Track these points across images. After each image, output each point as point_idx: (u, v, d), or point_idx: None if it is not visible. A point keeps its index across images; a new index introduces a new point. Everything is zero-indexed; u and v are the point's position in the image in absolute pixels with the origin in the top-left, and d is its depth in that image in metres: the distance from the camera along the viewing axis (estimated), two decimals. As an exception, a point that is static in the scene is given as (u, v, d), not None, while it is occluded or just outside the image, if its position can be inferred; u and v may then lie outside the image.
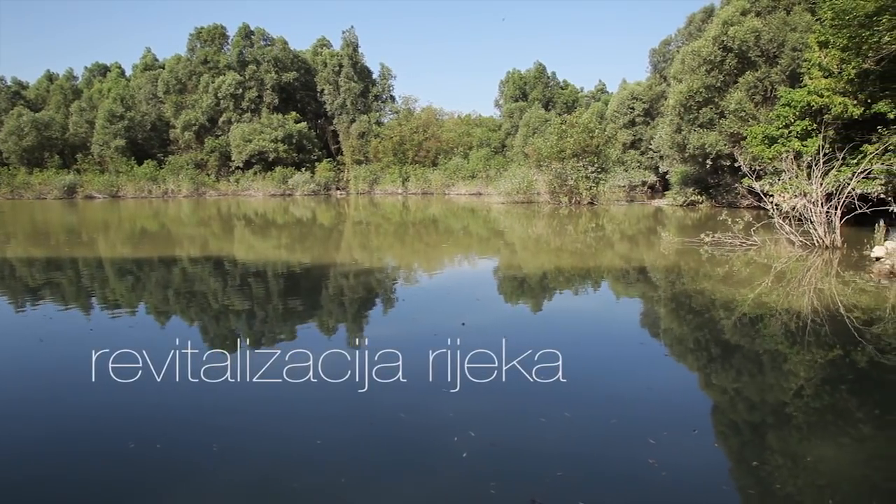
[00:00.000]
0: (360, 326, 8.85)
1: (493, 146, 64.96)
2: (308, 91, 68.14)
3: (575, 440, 4.66)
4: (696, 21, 44.46)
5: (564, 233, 22.23)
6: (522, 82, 67.64)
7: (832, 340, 7.57)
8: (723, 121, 31.62)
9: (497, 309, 9.94)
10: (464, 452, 4.42)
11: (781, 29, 29.55)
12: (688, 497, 3.87)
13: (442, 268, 14.99)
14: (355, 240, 21.16)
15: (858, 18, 16.83)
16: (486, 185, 54.26)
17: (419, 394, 5.69)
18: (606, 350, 7.46)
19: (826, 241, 15.40)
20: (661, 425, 4.89)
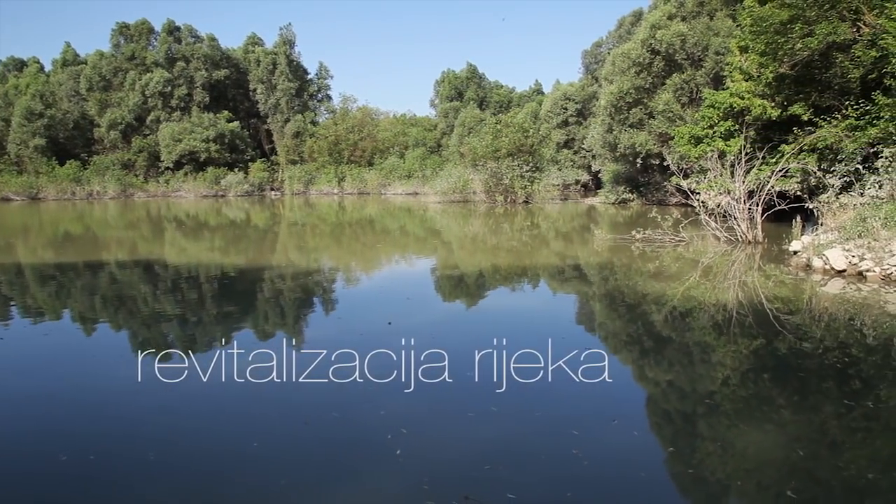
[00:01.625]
0: (293, 328, 8.73)
1: (428, 146, 65.06)
2: (240, 90, 66.53)
3: (502, 434, 4.74)
4: (626, 24, 45.74)
5: (500, 231, 22.50)
6: (458, 82, 67.98)
7: (755, 331, 7.93)
8: (652, 121, 32.63)
9: (428, 307, 9.96)
10: (398, 450, 4.44)
11: (705, 33, 30.72)
12: (607, 484, 4.00)
13: (377, 268, 14.95)
14: (291, 241, 20.83)
15: (774, 26, 17.66)
16: (422, 184, 54.33)
17: (352, 393, 5.67)
18: (538, 345, 7.58)
19: (749, 237, 16.13)
20: (585, 417, 5.05)
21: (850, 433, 4.84)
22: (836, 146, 17.58)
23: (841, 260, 11.41)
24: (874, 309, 9.07)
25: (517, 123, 41.77)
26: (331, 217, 32.62)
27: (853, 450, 4.54)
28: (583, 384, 5.89)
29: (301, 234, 23.37)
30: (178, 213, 35.04)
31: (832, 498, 3.86)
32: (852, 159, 16.29)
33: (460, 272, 13.68)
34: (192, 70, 60.54)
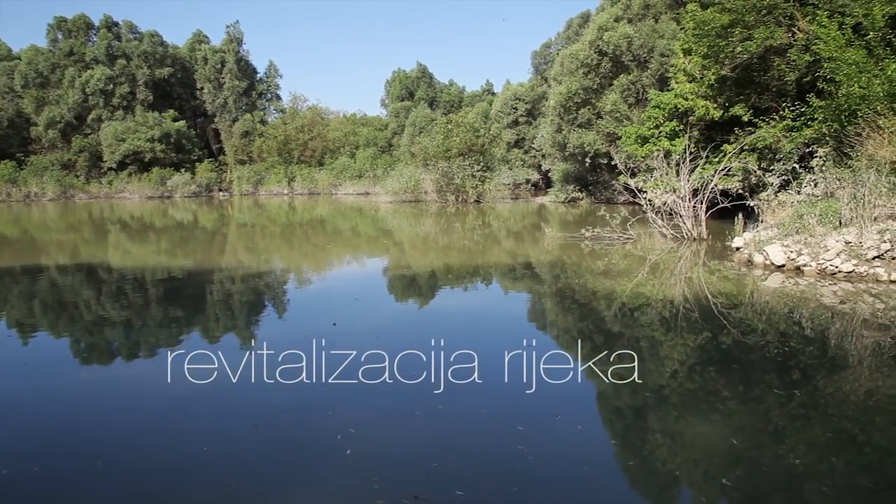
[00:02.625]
0: (240, 330, 8.57)
1: (379, 145, 64.81)
2: (186, 88, 64.92)
3: (448, 432, 4.79)
4: (575, 26, 46.47)
5: (452, 231, 22.57)
6: (408, 82, 67.91)
7: (701, 325, 8.16)
8: (600, 121, 33.20)
9: (377, 308, 9.90)
10: (348, 450, 4.42)
11: (651, 36, 31.43)
12: (551, 477, 4.06)
13: (327, 269, 14.82)
14: (240, 242, 20.44)
15: (715, 29, 18.20)
16: (373, 184, 54.07)
17: (299, 395, 5.63)
18: (485, 344, 7.63)
19: (694, 234, 16.60)
20: (530, 413, 5.12)
21: (790, 421, 5.02)
22: (775, 146, 18.25)
23: (780, 255, 11.84)
24: (811, 302, 9.45)
25: (468, 123, 41.97)
26: (281, 218, 32.15)
27: (794, 437, 4.72)
28: (528, 381, 5.98)
29: (251, 235, 22.96)
30: (123, 215, 33.99)
31: (775, 483, 4.00)
32: (789, 159, 16.92)
33: (411, 272, 13.67)
34: (133, 68, 58.73)
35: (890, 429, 4.84)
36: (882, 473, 4.13)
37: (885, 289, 9.80)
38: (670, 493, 4.04)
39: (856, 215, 11.65)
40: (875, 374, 6.14)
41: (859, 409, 5.26)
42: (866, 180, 11.78)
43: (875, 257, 10.66)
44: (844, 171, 12.91)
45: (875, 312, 8.57)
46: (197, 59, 64.63)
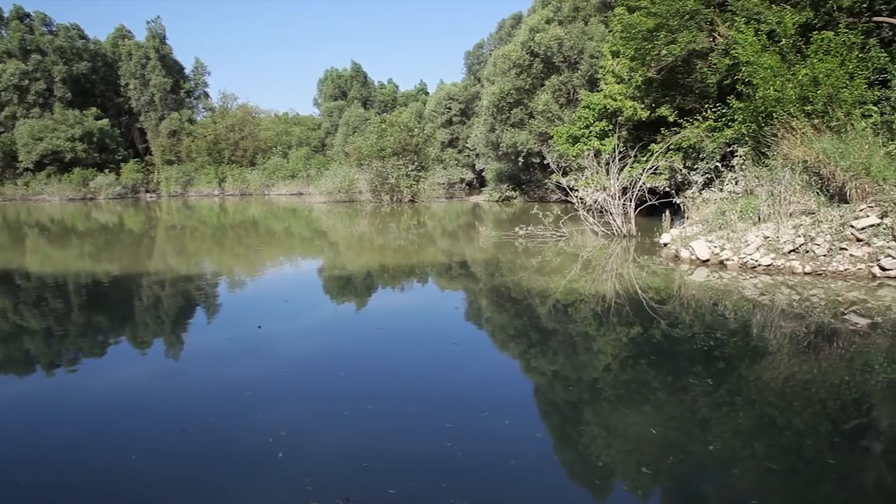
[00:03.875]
0: (165, 336, 8.28)
1: (313, 145, 63.98)
2: (109, 85, 62.30)
3: (378, 431, 4.77)
4: (507, 27, 47.07)
5: (387, 231, 22.47)
6: (341, 81, 67.27)
7: (632, 319, 8.39)
8: (532, 121, 33.73)
9: (306, 310, 9.73)
10: (280, 453, 4.36)
11: (581, 38, 32.14)
12: (479, 472, 4.09)
13: (258, 271, 14.49)
14: (169, 246, 19.75)
15: (642, 33, 18.77)
16: (307, 184, 53.39)
17: (226, 399, 5.51)
18: (416, 343, 7.62)
19: (624, 231, 17.08)
20: (459, 410, 5.14)
21: (717, 409, 5.22)
22: (699, 146, 18.98)
23: (705, 250, 12.31)
24: (734, 295, 9.86)
25: (402, 123, 41.92)
26: (212, 219, 31.27)
27: (720, 424, 4.90)
28: (459, 378, 6.02)
29: (180, 237, 22.22)
30: (41, 218, 32.33)
31: (704, 469, 4.14)
32: (712, 158, 17.63)
33: (346, 273, 13.53)
34: (49, 63, 55.86)
35: (806, 412, 5.09)
36: (800, 454, 4.34)
37: (800, 280, 10.33)
38: (602, 484, 4.11)
39: (773, 211, 12.23)
40: (792, 362, 6.46)
41: (779, 395, 5.51)
42: (782, 178, 12.38)
43: (791, 251, 11.22)
44: (762, 170, 13.54)
45: (791, 303, 9.02)
46: (120, 55, 62.10)
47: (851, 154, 11.86)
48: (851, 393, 5.55)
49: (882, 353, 6.70)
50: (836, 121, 13.38)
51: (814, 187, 12.41)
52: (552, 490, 3.95)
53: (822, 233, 11.23)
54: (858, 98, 14.05)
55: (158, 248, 18.86)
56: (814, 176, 12.52)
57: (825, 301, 9.03)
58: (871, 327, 7.66)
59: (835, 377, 5.97)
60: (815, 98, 14.01)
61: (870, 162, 11.59)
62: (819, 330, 7.59)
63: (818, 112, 13.89)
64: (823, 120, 13.61)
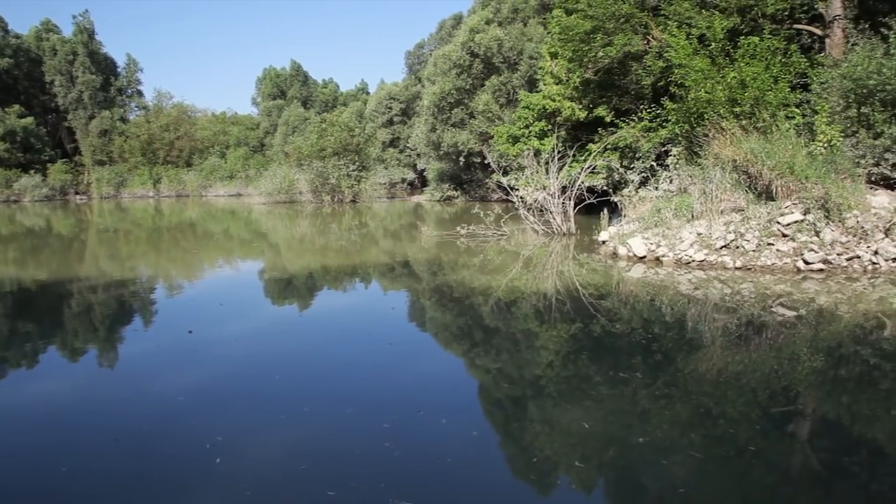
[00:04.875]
0: (96, 343, 7.96)
1: (251, 145, 62.74)
2: (34, 82, 59.37)
3: (315, 434, 4.73)
4: (447, 27, 47.22)
5: (328, 231, 22.21)
6: (280, 80, 66.16)
7: (573, 315, 8.53)
8: (473, 121, 33.94)
9: (242, 313, 9.47)
10: (217, 458, 4.25)
11: (520, 39, 32.53)
12: (417, 471, 4.12)
13: (195, 274, 14.08)
14: (101, 249, 18.96)
15: (579, 35, 19.15)
16: (245, 185, 52.29)
17: (160, 406, 5.34)
18: (353, 343, 7.53)
19: (563, 229, 17.37)
20: (396, 410, 5.13)
21: (655, 401, 5.35)
22: (635, 145, 19.48)
23: (641, 247, 12.64)
24: (670, 290, 10.15)
25: (342, 122, 41.54)
26: (146, 222, 30.25)
27: (659, 415, 5.03)
28: (395, 379, 6.02)
29: (112, 241, 21.37)
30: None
31: (643, 460, 4.24)
32: (648, 157, 18.13)
33: (286, 275, 13.29)
34: (-35, 57, 52.97)
35: (738, 401, 5.27)
36: (734, 442, 4.49)
37: (731, 275, 10.72)
38: (542, 479, 4.16)
39: (705, 209, 12.66)
40: (725, 353, 6.69)
41: (713, 386, 5.70)
42: (713, 177, 12.83)
43: (722, 247, 11.63)
44: (695, 169, 13.99)
45: (724, 297, 9.35)
46: (45, 51, 59.28)
47: (776, 154, 12.39)
48: (780, 381, 5.78)
49: (807, 342, 7.02)
50: (763, 122, 13.97)
51: (743, 185, 12.91)
52: (491, 487, 3.97)
53: (751, 229, 11.69)
54: (782, 100, 14.71)
55: (89, 252, 18.10)
56: (743, 174, 13.02)
57: (755, 294, 9.40)
58: (796, 318, 8.01)
59: (764, 367, 6.21)
60: (742, 100, 14.59)
61: (793, 161, 12.13)
62: (749, 322, 7.89)
63: (746, 113, 14.47)
64: (751, 121, 14.19)
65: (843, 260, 10.70)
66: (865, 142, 13.03)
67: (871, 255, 10.69)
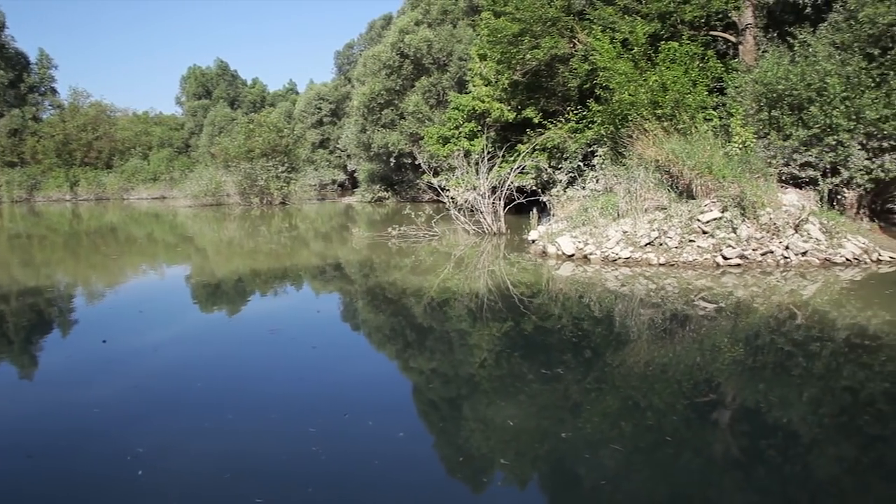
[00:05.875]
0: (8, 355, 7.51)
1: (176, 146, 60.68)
2: (-69, 76, 55.52)
3: (241, 441, 4.61)
4: (377, 27, 47.00)
5: (258, 234, 21.72)
6: (206, 79, 64.20)
7: (505, 314, 8.62)
8: (403, 121, 33.90)
9: (163, 320, 9.07)
10: (139, 471, 4.09)
11: (449, 40, 32.70)
12: (344, 475, 4.07)
13: (115, 281, 13.47)
14: (13, 256, 17.86)
15: (507, 37, 19.41)
16: (170, 188, 50.53)
17: (76, 420, 5.11)
18: (278, 347, 7.37)
19: (494, 229, 17.56)
20: (322, 414, 5.06)
21: (586, 395, 5.47)
22: (562, 146, 19.89)
23: (570, 246, 12.91)
24: (598, 287, 10.41)
25: (271, 123, 40.69)
26: (63, 226, 28.73)
27: (589, 409, 5.14)
28: (320, 383, 5.93)
29: (25, 247, 20.14)
30: None
31: (576, 453, 4.32)
32: (575, 157, 18.55)
33: (213, 280, 12.88)
34: None
35: (665, 393, 5.45)
36: (661, 431, 4.63)
37: (656, 271, 11.10)
38: (471, 477, 4.17)
39: (630, 207, 13.05)
40: (651, 347, 6.91)
41: (640, 379, 5.87)
42: (637, 176, 13.25)
43: (647, 244, 12.02)
44: (620, 169, 14.41)
45: (649, 293, 9.67)
46: (-56, 44, 55.57)
47: (696, 154, 12.92)
48: (702, 372, 6.02)
49: (726, 334, 7.33)
50: (683, 124, 14.52)
51: (665, 185, 13.38)
52: (420, 487, 3.97)
53: (673, 227, 12.13)
54: (700, 103, 15.35)
55: (3, 259, 17.05)
56: (665, 174, 13.51)
57: (678, 289, 9.75)
58: (716, 311, 8.36)
59: (688, 359, 6.45)
60: (664, 102, 15.14)
61: (711, 161, 12.67)
62: (673, 316, 8.18)
63: (667, 115, 15.01)
64: (672, 123, 14.73)
65: (757, 255, 11.25)
66: (776, 143, 13.74)
67: (783, 250, 11.28)
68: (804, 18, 16.39)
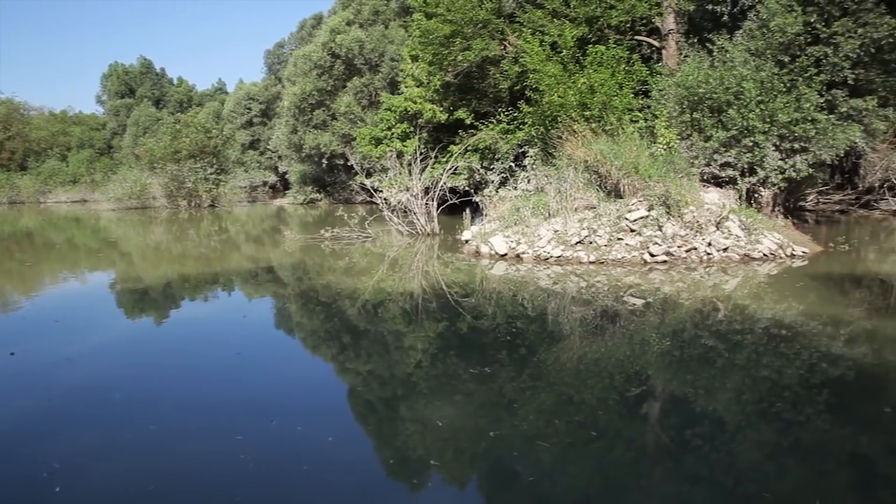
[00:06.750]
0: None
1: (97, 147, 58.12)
2: None
3: (165, 452, 4.46)
4: (308, 27, 46.32)
5: (186, 238, 21.03)
6: (129, 77, 61.67)
7: (440, 314, 8.64)
8: (335, 122, 33.56)
9: (81, 330, 8.60)
10: (57, 487, 3.91)
11: (381, 41, 32.58)
12: (273, 481, 4.01)
13: (31, 289, 12.76)
14: None
15: (439, 38, 19.50)
16: (92, 190, 48.35)
17: None
18: (204, 355, 7.17)
19: (427, 230, 17.59)
20: (250, 422, 4.95)
21: (521, 392, 5.53)
22: (494, 147, 20.13)
23: (503, 245, 13.06)
24: (530, 285, 10.57)
25: (198, 123, 39.49)
26: (-33, 231, 27.01)
27: (526, 405, 5.20)
28: (246, 389, 5.77)
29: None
30: None
31: (510, 450, 4.36)
32: (507, 158, 18.80)
33: (135, 286, 12.35)
34: None
35: (597, 387, 5.58)
36: (595, 425, 4.74)
37: (586, 269, 11.36)
38: (405, 479, 4.16)
39: (561, 207, 13.31)
40: (584, 343, 7.06)
41: (573, 375, 5.99)
42: (567, 176, 13.52)
43: (577, 242, 12.28)
44: (550, 169, 14.69)
45: (580, 290, 9.88)
46: None
47: (623, 155, 13.30)
48: (633, 366, 6.19)
49: (654, 328, 7.58)
50: (610, 125, 14.93)
51: (594, 184, 13.72)
52: (351, 491, 3.92)
53: (602, 225, 12.44)
54: (627, 105, 15.82)
55: None
56: (594, 174, 13.85)
57: (608, 286, 10.01)
58: (645, 307, 8.63)
59: (619, 353, 6.63)
60: (592, 104, 15.52)
61: (637, 162, 13.08)
62: (604, 312, 8.38)
63: (595, 117, 15.40)
64: (599, 124, 15.12)
65: (682, 252, 11.67)
66: (698, 144, 14.31)
67: (706, 247, 11.75)
68: (722, 26, 17.13)
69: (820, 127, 13.68)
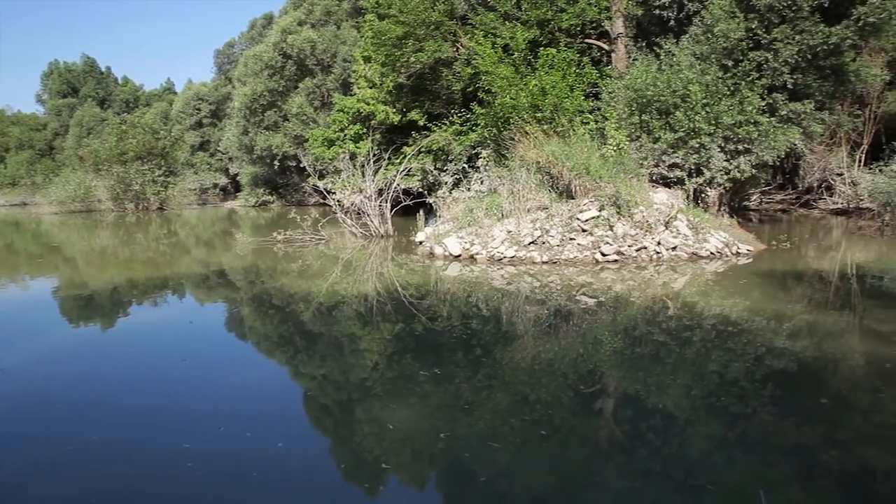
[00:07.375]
0: None
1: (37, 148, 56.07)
2: None
3: (111, 462, 4.33)
4: (258, 26, 45.62)
5: (134, 242, 20.44)
6: (71, 76, 59.66)
7: (395, 316, 8.60)
8: (287, 123, 33.16)
9: (16, 341, 8.20)
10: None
11: (333, 41, 32.31)
12: (222, 489, 3.95)
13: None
14: None
15: (392, 40, 19.44)
16: (32, 193, 46.60)
17: None
18: (148, 361, 6.96)
19: (381, 231, 17.51)
20: (197, 429, 4.86)
21: (477, 393, 5.54)
22: (447, 148, 20.18)
23: (456, 246, 13.09)
24: (485, 286, 10.62)
25: (146, 124, 38.48)
26: None
27: (481, 406, 5.22)
28: (193, 396, 5.66)
29: None
30: None
31: (469, 449, 4.37)
32: (460, 159, 18.86)
33: (77, 293, 11.91)
34: None
35: (552, 386, 5.64)
36: (550, 423, 4.79)
37: (540, 269, 11.47)
38: (372, 481, 4.13)
39: (514, 208, 13.42)
40: (538, 342, 7.12)
41: (528, 374, 6.04)
42: (520, 177, 13.64)
43: (530, 243, 12.40)
44: (503, 170, 14.80)
45: (534, 290, 9.97)
46: None
47: (574, 156, 13.48)
48: (586, 364, 6.27)
49: (606, 326, 7.70)
50: (561, 127, 15.13)
51: (546, 185, 13.87)
52: (300, 496, 3.88)
53: (555, 225, 12.59)
54: (578, 107, 16.05)
55: None
56: (546, 175, 14.00)
57: (560, 286, 10.13)
58: (597, 305, 8.76)
59: (572, 352, 6.71)
60: (543, 106, 15.70)
61: (588, 163, 13.28)
62: (557, 311, 8.48)
63: (547, 118, 15.58)
64: (551, 125, 15.30)
65: (633, 251, 11.90)
66: (647, 145, 14.62)
67: (656, 246, 12.00)
68: (669, 30, 17.54)
69: (762, 129, 14.15)
